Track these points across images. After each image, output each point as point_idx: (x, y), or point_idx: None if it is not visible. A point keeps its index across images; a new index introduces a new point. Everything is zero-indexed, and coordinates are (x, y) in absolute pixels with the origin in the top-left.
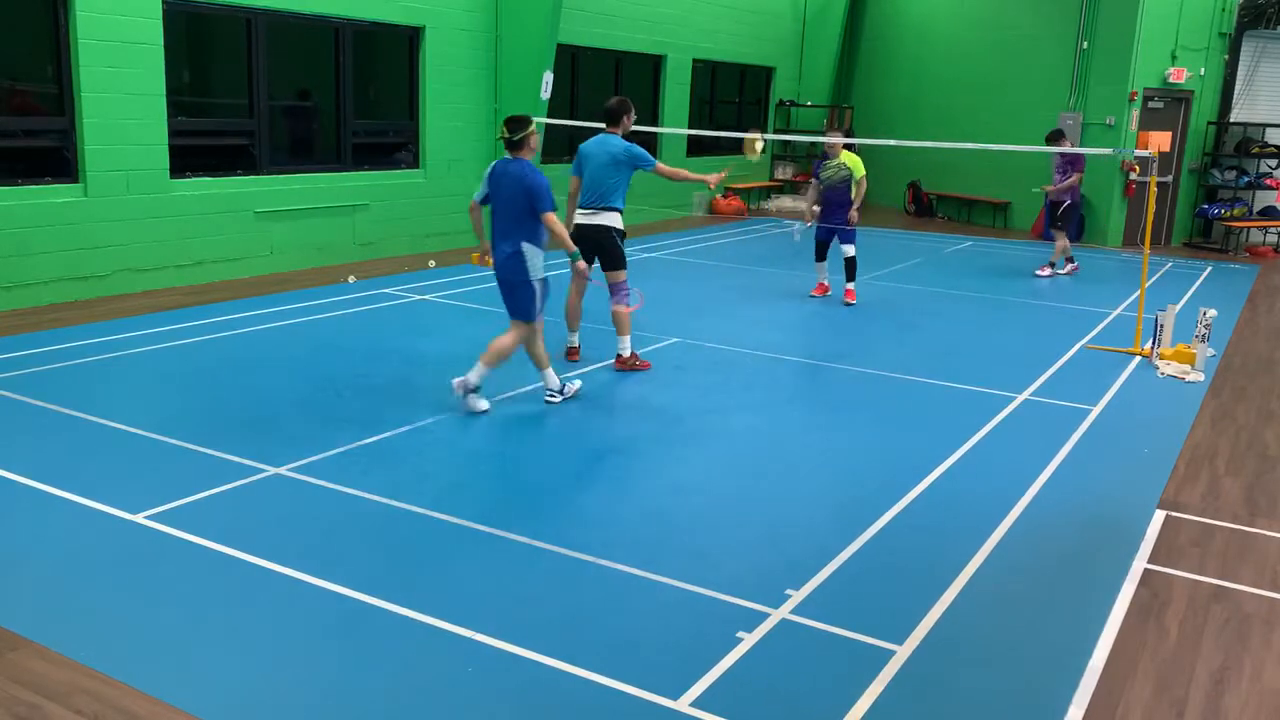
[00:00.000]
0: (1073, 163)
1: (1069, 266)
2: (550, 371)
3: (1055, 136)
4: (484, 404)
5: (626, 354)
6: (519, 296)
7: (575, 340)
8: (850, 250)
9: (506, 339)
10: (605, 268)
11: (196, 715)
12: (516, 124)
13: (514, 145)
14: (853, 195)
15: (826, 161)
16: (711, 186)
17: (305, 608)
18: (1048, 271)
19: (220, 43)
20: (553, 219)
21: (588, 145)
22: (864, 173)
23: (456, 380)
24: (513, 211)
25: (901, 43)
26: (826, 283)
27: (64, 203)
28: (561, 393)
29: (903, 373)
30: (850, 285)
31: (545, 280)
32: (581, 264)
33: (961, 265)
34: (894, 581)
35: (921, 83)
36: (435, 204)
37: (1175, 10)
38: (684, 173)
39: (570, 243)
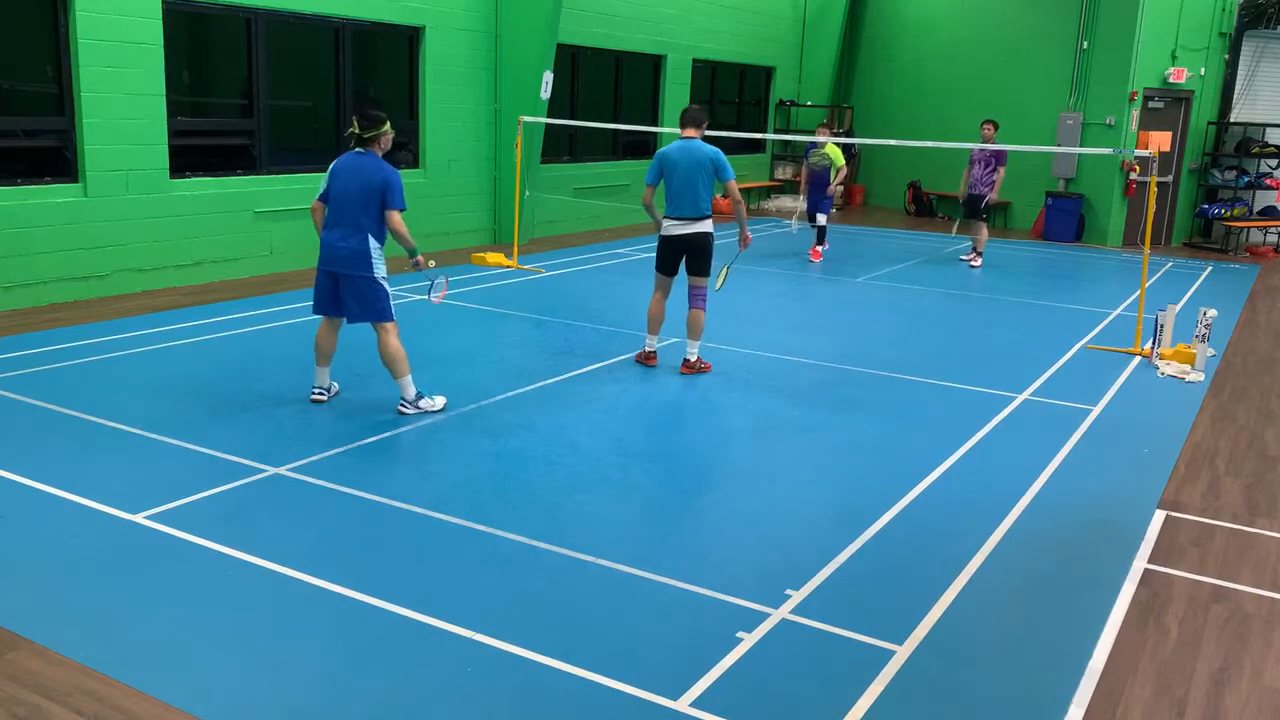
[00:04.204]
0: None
1: (974, 255)
2: (407, 380)
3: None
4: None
5: (694, 359)
6: (374, 294)
7: (654, 345)
8: (822, 220)
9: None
10: (696, 273)
11: (196, 715)
12: (370, 120)
13: (364, 141)
14: (831, 178)
15: (815, 149)
16: (741, 248)
17: (305, 608)
18: (976, 260)
19: (220, 43)
20: (399, 220)
21: (670, 151)
22: (843, 163)
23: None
24: (363, 206)
25: (901, 43)
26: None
27: (64, 203)
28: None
29: (903, 373)
30: (817, 247)
31: (388, 279)
32: (421, 257)
33: (961, 265)
34: (894, 581)
35: (921, 83)
36: (435, 204)
37: (1175, 10)
38: (744, 210)
39: (411, 240)
